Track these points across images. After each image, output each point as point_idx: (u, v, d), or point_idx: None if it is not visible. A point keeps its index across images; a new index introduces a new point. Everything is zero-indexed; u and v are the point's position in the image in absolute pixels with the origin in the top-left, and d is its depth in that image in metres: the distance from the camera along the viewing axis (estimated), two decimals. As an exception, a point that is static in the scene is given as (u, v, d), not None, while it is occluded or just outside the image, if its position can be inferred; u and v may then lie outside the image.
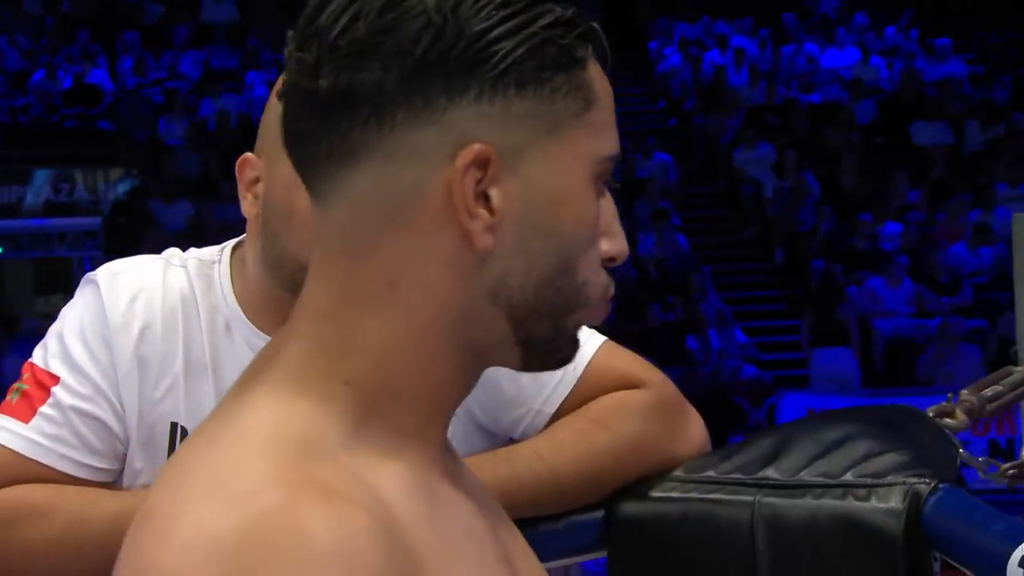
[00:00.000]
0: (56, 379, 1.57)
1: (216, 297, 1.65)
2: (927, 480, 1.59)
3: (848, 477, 1.64)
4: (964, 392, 1.94)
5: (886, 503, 1.61)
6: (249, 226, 1.64)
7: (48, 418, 1.55)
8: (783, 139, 13.79)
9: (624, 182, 13.41)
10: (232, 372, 1.59)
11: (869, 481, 1.64)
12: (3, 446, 1.55)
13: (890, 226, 12.31)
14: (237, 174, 1.63)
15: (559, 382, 1.66)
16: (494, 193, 0.93)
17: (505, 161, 0.93)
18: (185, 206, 12.63)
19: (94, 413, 1.58)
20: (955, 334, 10.66)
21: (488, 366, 1.02)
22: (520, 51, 0.92)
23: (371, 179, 0.93)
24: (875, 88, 14.99)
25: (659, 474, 1.68)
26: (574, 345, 1.01)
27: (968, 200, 12.51)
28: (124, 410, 1.60)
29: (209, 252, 1.70)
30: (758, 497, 1.66)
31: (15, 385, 1.60)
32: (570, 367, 1.53)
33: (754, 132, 13.72)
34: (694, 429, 1.75)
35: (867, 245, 12.01)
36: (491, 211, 0.93)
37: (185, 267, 1.67)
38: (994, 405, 1.92)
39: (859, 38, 16.10)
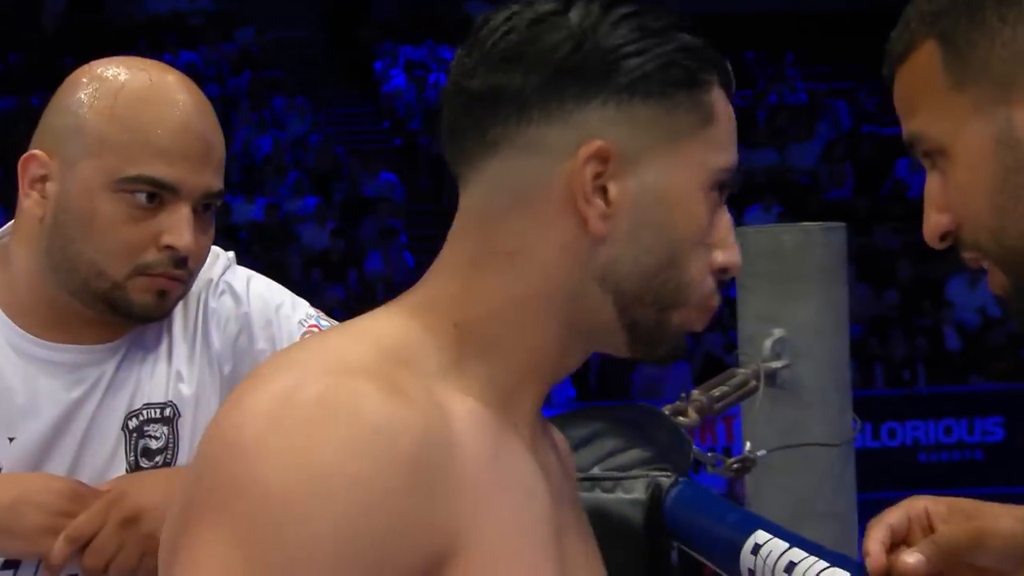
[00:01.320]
0: None
1: None
2: (668, 473, 1.70)
3: (596, 471, 1.71)
4: (695, 392, 2.08)
5: (630, 494, 1.69)
6: (26, 223, 1.61)
7: None
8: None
9: (351, 201, 13.51)
10: None
11: (615, 474, 1.72)
12: None
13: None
14: (20, 170, 1.60)
15: None
16: (611, 187, 1.03)
17: (625, 159, 1.04)
18: None
19: None
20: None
21: (596, 348, 1.12)
22: (647, 68, 1.04)
23: (506, 167, 1.05)
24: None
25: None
26: (678, 342, 1.10)
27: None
28: None
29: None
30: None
31: None
32: None
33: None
34: None
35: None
36: (607, 202, 1.03)
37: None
38: (721, 404, 2.07)
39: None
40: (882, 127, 13.98)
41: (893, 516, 1.30)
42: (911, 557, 1.24)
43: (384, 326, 1.08)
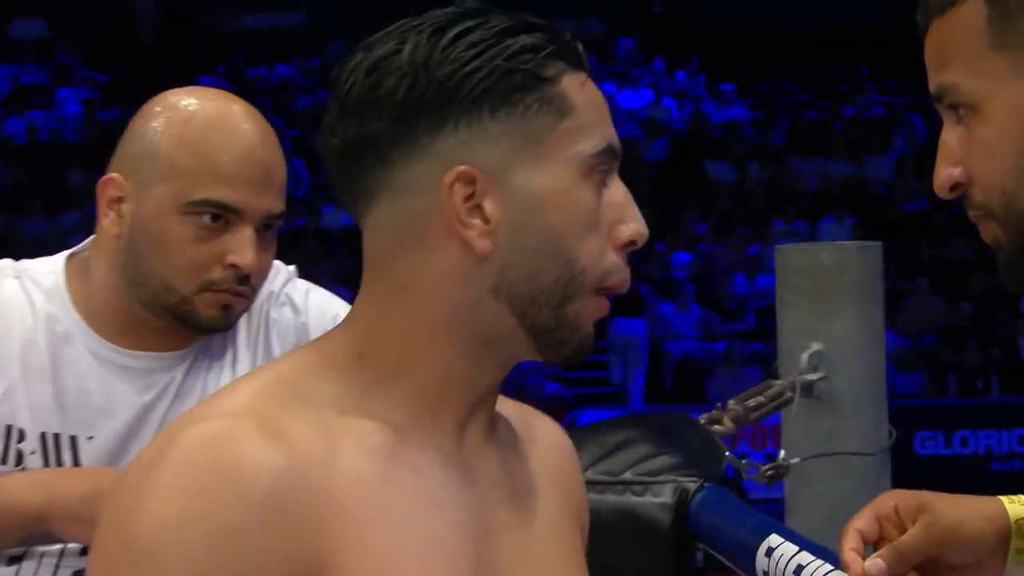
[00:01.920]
0: None
1: (55, 307, 1.65)
2: (695, 479, 1.71)
3: (627, 475, 1.73)
4: (731, 402, 2.08)
5: (659, 498, 1.70)
6: (104, 240, 1.65)
7: None
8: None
9: None
10: (73, 377, 1.63)
11: (645, 479, 1.73)
12: None
13: (679, 256, 12.72)
14: (99, 192, 1.63)
15: None
16: (486, 204, 1.02)
17: (491, 175, 1.03)
18: None
19: None
20: (739, 357, 11.07)
21: (512, 359, 1.10)
22: (485, 83, 1.02)
23: (385, 211, 1.04)
24: (667, 128, 15.44)
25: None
26: (582, 334, 1.08)
27: (748, 234, 12.99)
28: None
29: (40, 264, 1.70)
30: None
31: None
32: None
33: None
34: None
35: (659, 273, 12.36)
36: (486, 220, 1.02)
37: (19, 278, 1.67)
38: (756, 414, 2.06)
39: (654, 81, 16.55)
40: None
41: (861, 521, 1.29)
42: (873, 567, 1.24)
43: (287, 364, 1.11)
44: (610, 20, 18.09)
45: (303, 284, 1.80)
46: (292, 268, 1.81)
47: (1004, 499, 1.26)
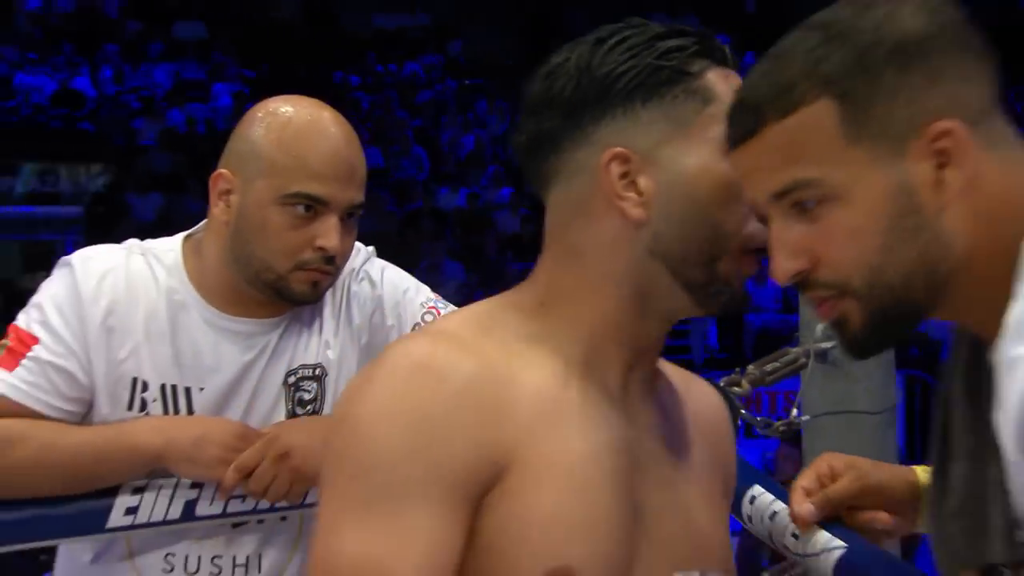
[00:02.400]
0: (36, 339, 1.61)
1: (173, 280, 1.68)
2: None
3: None
4: (750, 367, 2.11)
5: None
6: (215, 225, 1.67)
7: (28, 369, 1.60)
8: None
9: None
10: (188, 339, 1.67)
11: None
12: None
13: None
14: (211, 185, 1.66)
15: None
16: (640, 180, 1.07)
17: (644, 155, 1.08)
18: (156, 199, 12.07)
19: (65, 368, 1.61)
20: (815, 327, 10.85)
21: (672, 314, 1.13)
22: (638, 79, 1.07)
23: (560, 191, 1.12)
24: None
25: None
26: (735, 291, 1.11)
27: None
28: (92, 367, 1.63)
29: (162, 243, 1.72)
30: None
31: (1, 342, 1.64)
32: None
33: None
34: None
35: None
36: (640, 193, 1.07)
37: (144, 255, 1.70)
38: (772, 377, 2.07)
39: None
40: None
41: (805, 479, 1.33)
42: (805, 509, 1.29)
43: (482, 306, 1.16)
44: (704, 18, 17.66)
45: (380, 263, 1.82)
46: (371, 249, 1.82)
47: (918, 468, 1.29)
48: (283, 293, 1.65)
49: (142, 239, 1.74)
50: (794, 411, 2.09)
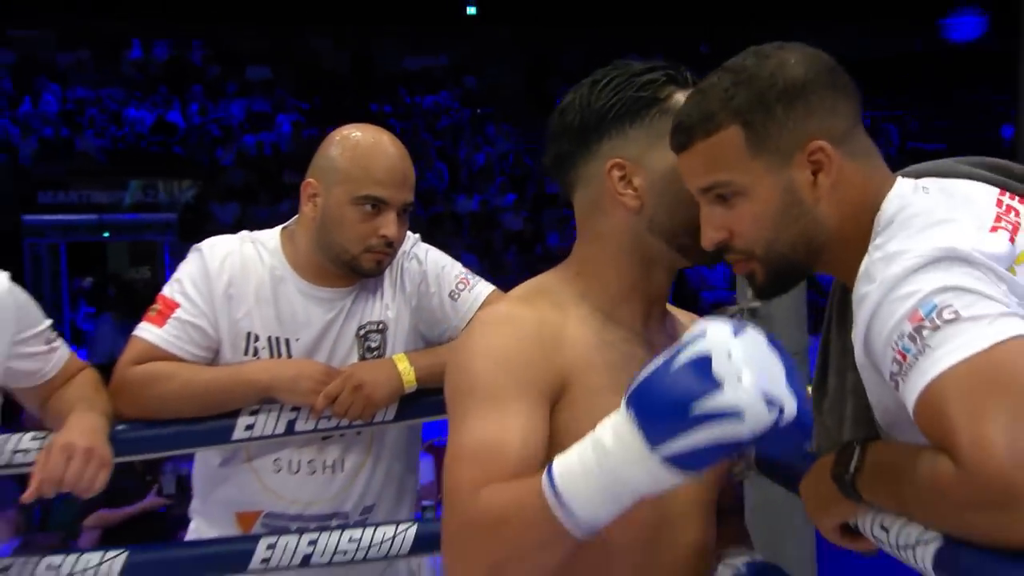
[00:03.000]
0: (177, 304, 1.64)
1: (275, 260, 1.68)
2: None
3: None
4: None
5: None
6: (305, 220, 1.68)
7: (172, 326, 1.63)
8: None
9: (539, 197, 12.55)
10: (286, 303, 1.66)
11: None
12: (146, 340, 1.62)
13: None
14: (302, 190, 1.67)
15: (465, 313, 1.73)
16: (634, 180, 1.11)
17: (635, 162, 1.11)
18: (234, 207, 11.94)
19: (199, 325, 1.64)
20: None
21: (672, 269, 1.15)
22: (624, 108, 1.11)
23: (580, 195, 1.15)
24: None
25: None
26: (700, 246, 1.09)
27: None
28: (218, 324, 1.64)
29: (266, 233, 1.73)
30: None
31: (152, 307, 1.66)
32: (472, 305, 1.72)
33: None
34: None
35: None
36: (635, 189, 1.11)
37: (253, 242, 1.71)
38: None
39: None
40: (925, 143, 12.95)
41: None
42: None
43: (541, 278, 1.18)
44: (668, 56, 17.15)
45: (424, 246, 1.81)
46: (417, 236, 1.80)
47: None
48: (355, 269, 1.65)
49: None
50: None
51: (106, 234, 12.25)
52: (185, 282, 1.66)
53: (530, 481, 0.93)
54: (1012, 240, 0.95)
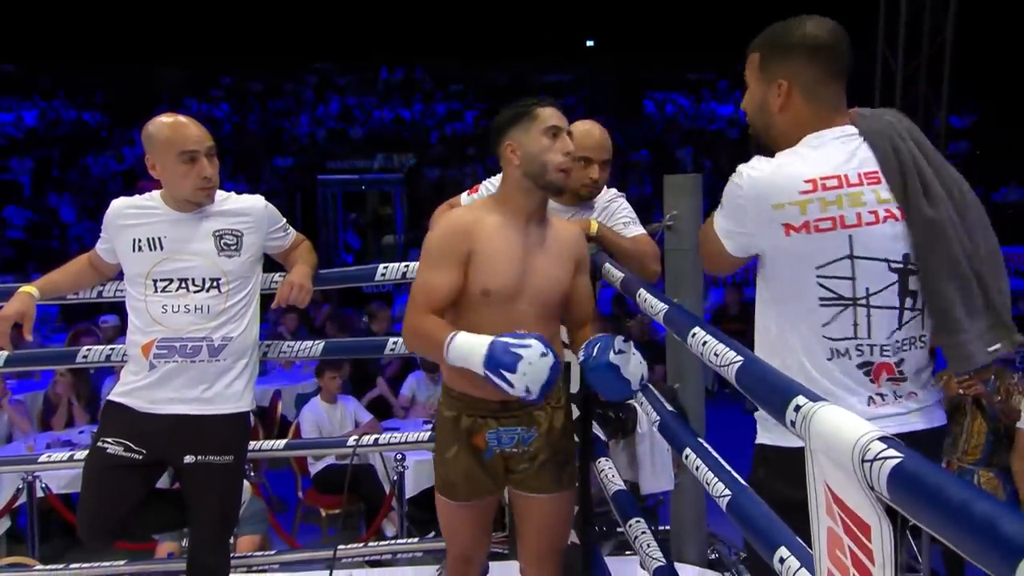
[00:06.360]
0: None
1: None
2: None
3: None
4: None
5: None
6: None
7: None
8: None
9: None
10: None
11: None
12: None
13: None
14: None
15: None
16: (517, 151, 1.75)
17: (518, 142, 1.75)
18: (437, 171, 13.91)
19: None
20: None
21: (544, 197, 1.77)
22: (514, 119, 1.77)
23: (500, 161, 1.78)
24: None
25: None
26: (558, 183, 1.68)
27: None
28: None
29: (490, 180, 2.24)
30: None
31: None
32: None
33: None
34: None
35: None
36: (518, 156, 1.75)
37: (488, 187, 2.26)
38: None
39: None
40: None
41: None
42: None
43: (482, 200, 1.81)
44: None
45: (613, 192, 2.31)
46: (615, 190, 2.29)
47: None
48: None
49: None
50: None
51: (363, 187, 14.86)
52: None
53: (446, 329, 1.63)
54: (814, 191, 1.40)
